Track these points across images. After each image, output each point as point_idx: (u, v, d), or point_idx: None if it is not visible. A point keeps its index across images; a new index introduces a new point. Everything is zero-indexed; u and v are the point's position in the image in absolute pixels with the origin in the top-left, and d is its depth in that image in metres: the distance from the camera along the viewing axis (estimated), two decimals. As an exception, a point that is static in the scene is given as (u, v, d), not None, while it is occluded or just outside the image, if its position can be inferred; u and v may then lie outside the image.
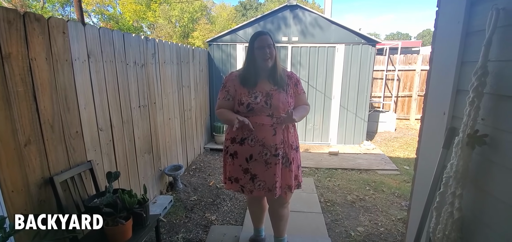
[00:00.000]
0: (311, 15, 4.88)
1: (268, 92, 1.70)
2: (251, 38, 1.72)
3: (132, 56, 2.50)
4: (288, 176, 1.77)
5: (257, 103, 1.67)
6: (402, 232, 2.50)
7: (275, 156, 1.70)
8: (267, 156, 1.70)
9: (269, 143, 1.70)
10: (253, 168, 1.73)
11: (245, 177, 1.76)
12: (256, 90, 1.70)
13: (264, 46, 1.66)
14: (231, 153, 1.76)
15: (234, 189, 1.83)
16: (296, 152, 1.81)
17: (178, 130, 3.68)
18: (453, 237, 1.08)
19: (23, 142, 1.46)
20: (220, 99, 1.78)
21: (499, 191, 0.98)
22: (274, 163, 1.71)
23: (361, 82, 4.98)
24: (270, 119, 1.70)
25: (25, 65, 1.46)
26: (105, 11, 16.70)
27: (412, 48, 11.42)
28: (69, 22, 1.77)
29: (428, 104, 1.42)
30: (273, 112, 1.70)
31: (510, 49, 0.95)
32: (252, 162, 1.72)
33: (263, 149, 1.70)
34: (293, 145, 1.78)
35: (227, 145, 1.79)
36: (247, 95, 1.69)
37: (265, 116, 1.69)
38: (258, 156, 1.70)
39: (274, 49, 1.70)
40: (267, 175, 1.73)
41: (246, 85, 1.71)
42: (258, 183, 1.75)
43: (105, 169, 2.14)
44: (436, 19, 1.37)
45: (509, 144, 0.94)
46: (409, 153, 4.90)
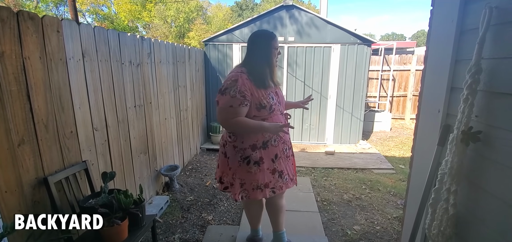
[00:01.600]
0: (307, 15, 4.90)
1: (276, 91, 1.76)
2: (266, 37, 1.68)
3: (127, 56, 2.48)
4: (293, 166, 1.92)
5: (275, 104, 1.69)
6: (397, 230, 2.52)
7: (290, 149, 1.86)
8: (286, 151, 1.81)
9: (287, 138, 1.81)
10: (279, 165, 1.76)
11: (274, 177, 1.75)
12: (269, 91, 1.68)
13: (278, 48, 1.74)
14: (255, 161, 1.67)
15: (263, 196, 1.75)
16: None
17: (174, 130, 3.66)
18: (448, 233, 1.10)
19: (17, 142, 1.43)
20: (235, 106, 1.55)
21: (493, 186, 1.00)
22: (291, 155, 1.88)
23: (356, 82, 5.02)
24: (283, 117, 1.80)
25: (18, 64, 1.44)
26: (100, 10, 16.57)
27: (406, 49, 11.53)
28: (64, 20, 1.75)
29: (423, 103, 1.43)
30: (282, 110, 1.80)
31: (503, 46, 0.97)
32: (278, 160, 1.75)
33: (284, 146, 1.79)
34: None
35: (248, 154, 1.66)
36: (266, 97, 1.64)
37: (280, 115, 1.76)
38: (281, 153, 1.77)
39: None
40: (289, 167, 1.85)
41: (262, 87, 1.64)
42: (285, 177, 1.81)
43: (100, 169, 2.12)
44: (430, 18, 1.39)
45: (502, 140, 0.96)
46: (405, 152, 4.95)
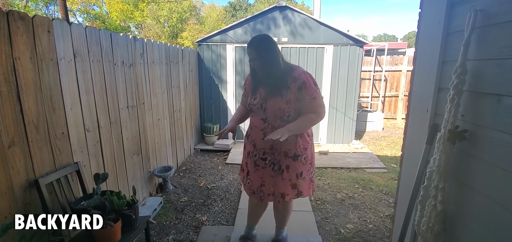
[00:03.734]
0: (300, 16, 4.94)
1: (264, 96, 1.70)
2: None
3: (120, 56, 2.46)
4: (280, 184, 1.76)
5: (254, 104, 1.73)
6: (389, 228, 2.56)
7: (263, 160, 1.76)
8: (256, 157, 1.79)
9: (259, 145, 1.75)
10: (249, 164, 1.87)
11: (244, 171, 1.93)
12: (257, 93, 1.75)
13: (250, 60, 1.72)
14: (244, 142, 1.94)
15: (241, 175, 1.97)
16: (293, 161, 1.72)
17: (167, 130, 3.64)
18: (437, 229, 1.13)
19: (7, 143, 1.41)
20: (242, 95, 1.99)
21: (478, 183, 1.03)
22: (261, 167, 1.78)
23: (349, 82, 5.08)
24: (262, 123, 1.72)
25: (8, 65, 1.42)
26: (91, 10, 16.32)
27: (398, 50, 11.70)
28: (55, 20, 1.73)
29: (412, 103, 1.47)
30: (267, 117, 1.70)
31: (487, 48, 1.00)
32: (249, 158, 1.85)
33: (254, 149, 1.79)
34: (290, 153, 1.71)
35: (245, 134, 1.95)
36: (251, 96, 1.80)
37: (259, 119, 1.73)
38: (251, 155, 1.80)
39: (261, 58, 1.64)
40: (255, 177, 1.81)
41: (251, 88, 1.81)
42: (248, 181, 1.84)
43: (92, 170, 2.09)
44: (419, 20, 1.43)
45: (487, 139, 0.99)
46: (396, 151, 5.03)
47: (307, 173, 1.80)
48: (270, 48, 1.63)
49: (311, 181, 1.85)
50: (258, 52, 1.64)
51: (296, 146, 1.71)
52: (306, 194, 1.83)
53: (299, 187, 1.79)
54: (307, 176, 1.80)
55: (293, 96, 1.64)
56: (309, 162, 1.79)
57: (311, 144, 1.81)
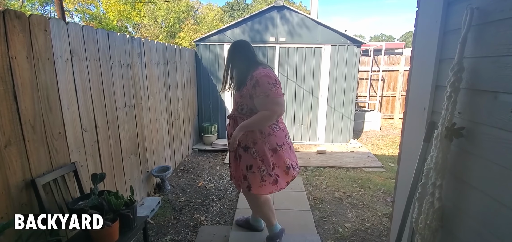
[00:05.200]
0: (298, 16, 4.95)
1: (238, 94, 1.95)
2: None
3: (117, 56, 2.45)
4: (237, 170, 1.96)
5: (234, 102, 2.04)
6: (387, 226, 2.58)
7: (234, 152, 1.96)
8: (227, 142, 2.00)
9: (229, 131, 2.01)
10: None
11: None
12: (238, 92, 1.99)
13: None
14: None
15: None
16: (244, 151, 1.87)
17: (165, 130, 3.63)
18: (434, 225, 1.13)
19: (3, 143, 1.40)
20: None
21: (475, 180, 1.04)
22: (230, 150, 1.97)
23: (347, 82, 5.09)
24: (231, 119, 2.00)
25: (4, 64, 1.41)
26: (88, 10, 16.22)
27: (395, 50, 11.76)
28: (51, 19, 1.72)
29: (410, 101, 1.48)
30: (232, 110, 2.02)
31: (483, 46, 1.01)
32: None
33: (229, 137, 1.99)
34: (242, 143, 1.87)
35: None
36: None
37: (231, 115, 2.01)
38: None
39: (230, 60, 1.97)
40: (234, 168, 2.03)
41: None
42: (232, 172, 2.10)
43: (89, 170, 2.08)
44: (416, 19, 1.43)
45: (484, 135, 1.00)
46: (394, 151, 5.05)
47: (257, 169, 1.86)
48: (238, 52, 1.94)
49: (262, 179, 1.87)
50: (229, 55, 2.00)
51: (247, 138, 1.86)
52: (255, 190, 1.90)
53: (249, 180, 1.90)
54: (257, 172, 1.87)
55: (247, 92, 1.83)
56: (259, 159, 1.85)
57: (262, 142, 1.85)
